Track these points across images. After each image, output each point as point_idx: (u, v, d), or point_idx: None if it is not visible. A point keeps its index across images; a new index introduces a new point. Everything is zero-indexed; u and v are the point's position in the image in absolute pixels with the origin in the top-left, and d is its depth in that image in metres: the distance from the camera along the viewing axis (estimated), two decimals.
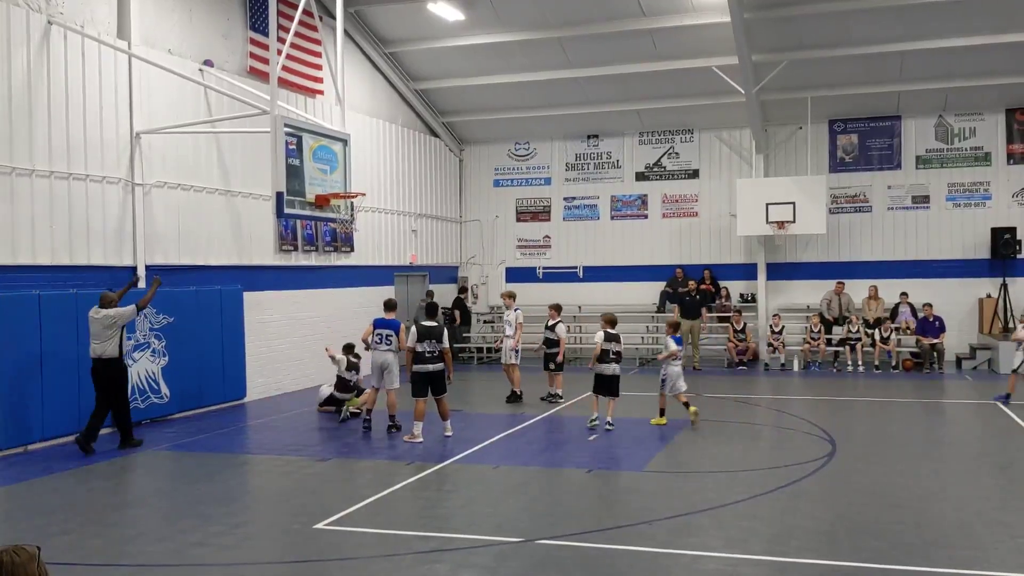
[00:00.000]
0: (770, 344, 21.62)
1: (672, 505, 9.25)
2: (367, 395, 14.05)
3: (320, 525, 8.55)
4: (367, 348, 14.00)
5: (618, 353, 13.61)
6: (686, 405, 13.77)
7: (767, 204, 21.39)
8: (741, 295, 23.45)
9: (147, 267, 14.42)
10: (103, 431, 12.40)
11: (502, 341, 16.65)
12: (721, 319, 22.66)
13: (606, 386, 13.46)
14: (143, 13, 14.62)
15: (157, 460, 11.96)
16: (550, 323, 15.96)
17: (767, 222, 21.42)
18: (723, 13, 18.27)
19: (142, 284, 14.10)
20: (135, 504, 9.88)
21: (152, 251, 14.61)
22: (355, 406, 14.53)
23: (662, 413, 13.87)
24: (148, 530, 8.61)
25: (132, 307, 12.32)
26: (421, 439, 12.59)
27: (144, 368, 14.18)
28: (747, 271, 23.37)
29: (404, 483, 10.24)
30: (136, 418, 13.85)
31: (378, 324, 13.76)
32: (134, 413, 13.68)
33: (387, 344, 13.52)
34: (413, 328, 12.89)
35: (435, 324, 13.05)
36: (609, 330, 13.58)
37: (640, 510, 9.01)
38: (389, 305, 14.24)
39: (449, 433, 12.91)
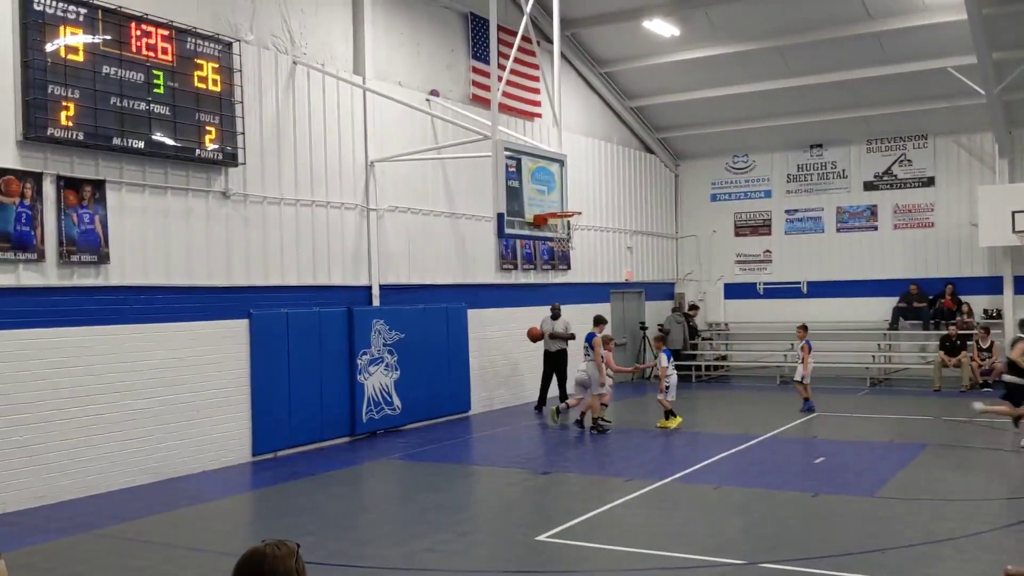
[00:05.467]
0: None
1: (907, 533, 8.74)
2: (590, 401, 15.22)
3: (542, 537, 8.76)
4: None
5: None
6: (669, 413, 14.95)
7: (1013, 212, 19.83)
8: (985, 311, 21.73)
9: (380, 286, 15.36)
10: (336, 441, 13.35)
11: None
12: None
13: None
14: (376, 48, 15.64)
15: (390, 468, 12.71)
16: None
17: (1014, 231, 19.84)
18: (958, 11, 17.11)
19: (376, 302, 15.11)
20: (371, 510, 10.55)
21: (385, 271, 15.55)
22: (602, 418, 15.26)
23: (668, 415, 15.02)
24: (382, 534, 9.18)
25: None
26: None
27: (379, 381, 15.08)
28: (991, 284, 21.64)
29: (623, 499, 10.29)
30: (371, 428, 14.80)
31: (589, 337, 15.48)
32: (368, 423, 14.68)
33: (587, 355, 15.39)
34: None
35: None
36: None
37: (871, 537, 8.58)
38: (598, 320, 16.13)
39: None
